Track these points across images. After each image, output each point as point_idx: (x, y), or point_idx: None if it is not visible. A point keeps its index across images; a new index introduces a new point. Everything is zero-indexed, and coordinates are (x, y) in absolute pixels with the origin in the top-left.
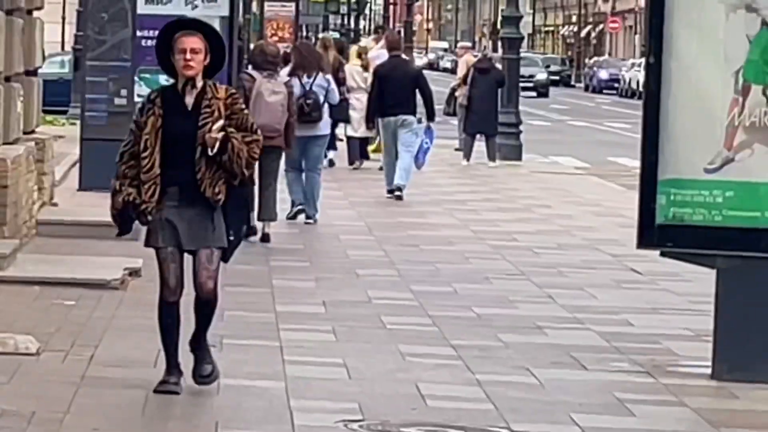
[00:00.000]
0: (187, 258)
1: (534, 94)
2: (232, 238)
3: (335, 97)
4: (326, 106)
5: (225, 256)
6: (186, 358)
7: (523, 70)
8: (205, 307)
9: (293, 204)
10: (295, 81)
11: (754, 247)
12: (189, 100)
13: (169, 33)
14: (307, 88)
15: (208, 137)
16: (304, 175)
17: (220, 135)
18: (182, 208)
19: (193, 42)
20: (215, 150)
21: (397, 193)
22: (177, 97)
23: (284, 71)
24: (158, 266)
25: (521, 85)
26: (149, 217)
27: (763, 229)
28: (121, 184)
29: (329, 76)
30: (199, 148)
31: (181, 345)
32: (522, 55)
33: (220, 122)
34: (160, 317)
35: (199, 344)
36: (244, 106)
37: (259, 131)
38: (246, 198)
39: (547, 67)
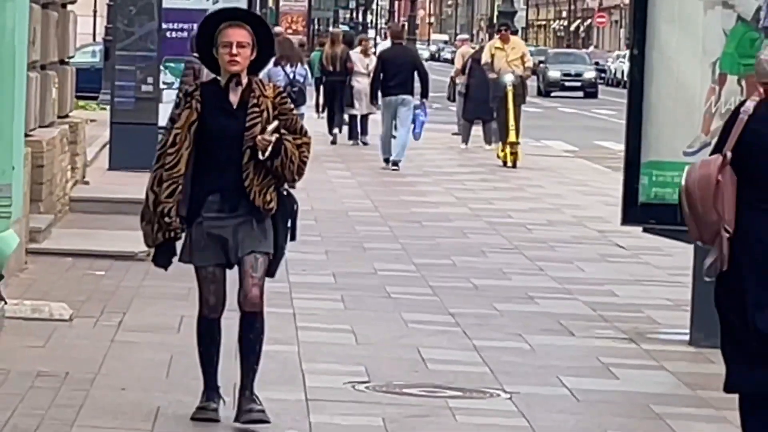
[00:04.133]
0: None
1: (581, 94)
2: (279, 250)
3: (311, 83)
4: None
5: (271, 270)
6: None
7: (569, 68)
8: (251, 329)
9: None
10: (279, 69)
11: None
12: (234, 98)
13: (212, 24)
14: (291, 77)
15: (260, 139)
16: None
17: (274, 137)
18: (225, 219)
19: (240, 35)
20: (267, 154)
21: (394, 166)
22: (220, 93)
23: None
24: (198, 284)
25: (566, 84)
26: (167, 219)
27: None
28: (155, 201)
29: (306, 66)
30: (248, 151)
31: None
32: (568, 51)
33: (275, 123)
34: (198, 334)
35: (245, 392)
36: (293, 106)
37: (308, 133)
38: (294, 207)
39: (596, 63)
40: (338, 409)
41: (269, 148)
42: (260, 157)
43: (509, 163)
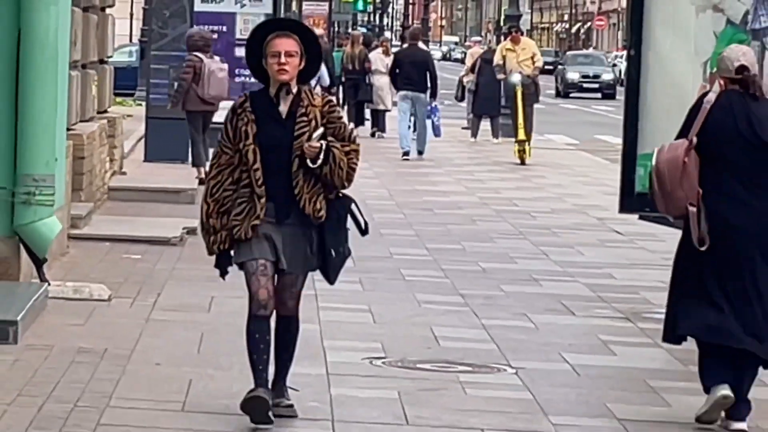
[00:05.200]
0: None
1: (599, 95)
2: (333, 256)
3: (326, 81)
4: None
5: (330, 278)
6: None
7: (587, 70)
8: (287, 331)
9: None
10: None
11: None
12: (283, 108)
13: (261, 34)
14: None
15: (307, 147)
16: None
17: (320, 144)
18: (277, 226)
19: (288, 44)
20: (318, 162)
21: (413, 156)
22: (269, 103)
23: None
24: (246, 281)
25: (584, 86)
26: (247, 234)
27: None
28: (209, 214)
29: (323, 66)
30: (297, 160)
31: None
32: (586, 53)
33: (320, 130)
34: (248, 334)
35: (278, 385)
36: (341, 114)
37: (357, 140)
38: (346, 212)
39: (614, 66)
40: (357, 383)
41: (320, 156)
42: (309, 164)
43: (518, 160)
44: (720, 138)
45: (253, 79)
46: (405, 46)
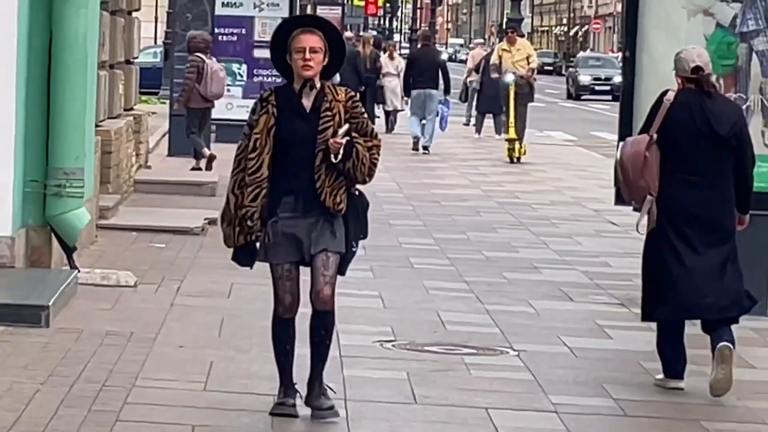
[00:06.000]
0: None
1: (609, 98)
2: (354, 249)
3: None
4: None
5: (342, 268)
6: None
7: (599, 72)
8: (322, 326)
9: None
10: None
11: None
12: (307, 103)
13: (285, 30)
14: None
15: (332, 142)
16: None
17: (345, 140)
18: (299, 219)
19: (313, 40)
20: (340, 156)
21: (424, 151)
22: (293, 98)
23: None
24: (273, 282)
25: (596, 88)
26: (249, 223)
27: None
28: (236, 204)
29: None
30: (320, 154)
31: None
32: (597, 55)
33: (346, 126)
34: (274, 334)
35: (313, 384)
36: (364, 110)
37: (378, 136)
38: (365, 207)
39: None
40: (368, 365)
41: (341, 151)
42: (333, 159)
43: (507, 159)
44: (679, 133)
45: (270, 78)
46: (418, 46)
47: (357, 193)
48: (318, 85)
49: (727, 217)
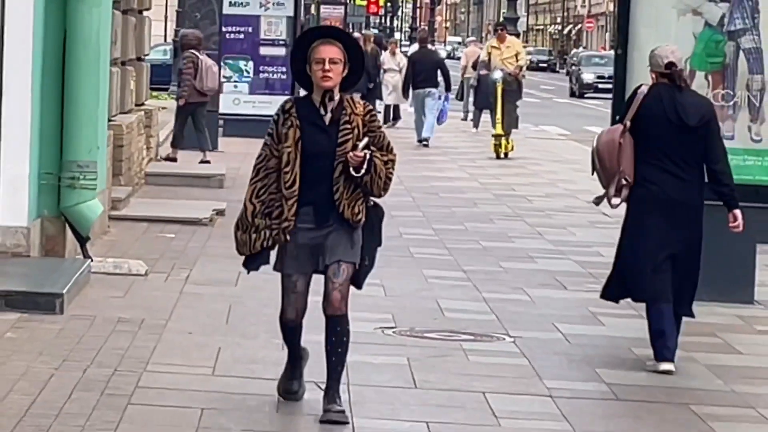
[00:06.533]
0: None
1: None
2: (367, 263)
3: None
4: None
5: (358, 282)
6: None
7: (602, 71)
8: (334, 332)
9: None
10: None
11: None
12: (326, 115)
13: (306, 41)
14: None
15: (352, 156)
16: None
17: (366, 154)
18: (316, 230)
19: (332, 52)
20: (362, 171)
21: (425, 142)
22: (313, 110)
23: None
24: (281, 291)
25: (600, 86)
26: (286, 237)
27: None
28: (254, 212)
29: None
30: (339, 167)
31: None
32: (601, 53)
33: (365, 140)
34: (282, 332)
35: (330, 391)
36: (381, 123)
37: (394, 150)
38: (381, 220)
39: None
40: (370, 350)
41: (364, 165)
42: (353, 173)
43: (494, 155)
44: (652, 123)
45: (275, 75)
46: (416, 48)
47: (372, 203)
48: (337, 96)
49: (696, 199)
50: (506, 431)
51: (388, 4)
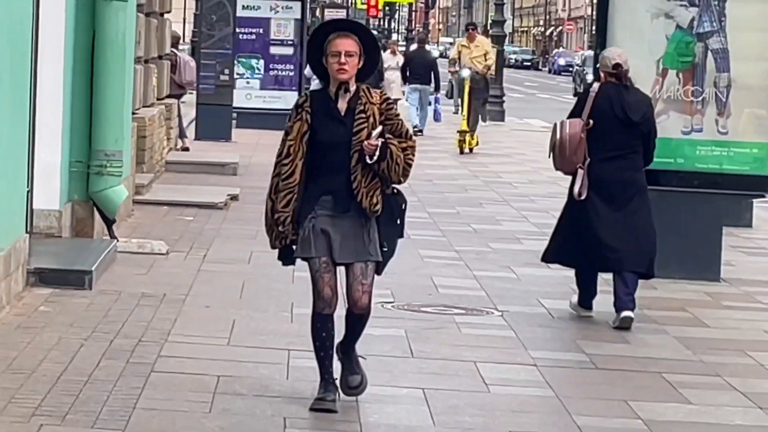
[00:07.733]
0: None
1: None
2: (386, 249)
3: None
4: None
5: (378, 269)
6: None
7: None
8: (358, 322)
9: None
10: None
11: (668, 184)
12: (342, 105)
13: (322, 34)
14: None
15: (366, 144)
16: None
17: (379, 142)
18: (336, 218)
19: (348, 44)
20: (375, 158)
21: (418, 132)
22: (329, 101)
23: None
24: (311, 277)
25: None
26: (281, 228)
27: (674, 171)
28: (273, 208)
29: None
30: (356, 155)
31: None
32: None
33: (379, 128)
34: (313, 330)
35: (347, 353)
36: (398, 111)
37: (413, 137)
38: (401, 207)
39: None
40: (371, 323)
41: (376, 153)
42: (368, 161)
43: (458, 150)
44: (602, 117)
45: (283, 72)
46: (413, 48)
47: (395, 191)
48: (353, 88)
49: (636, 176)
50: (495, 396)
51: (387, 7)
